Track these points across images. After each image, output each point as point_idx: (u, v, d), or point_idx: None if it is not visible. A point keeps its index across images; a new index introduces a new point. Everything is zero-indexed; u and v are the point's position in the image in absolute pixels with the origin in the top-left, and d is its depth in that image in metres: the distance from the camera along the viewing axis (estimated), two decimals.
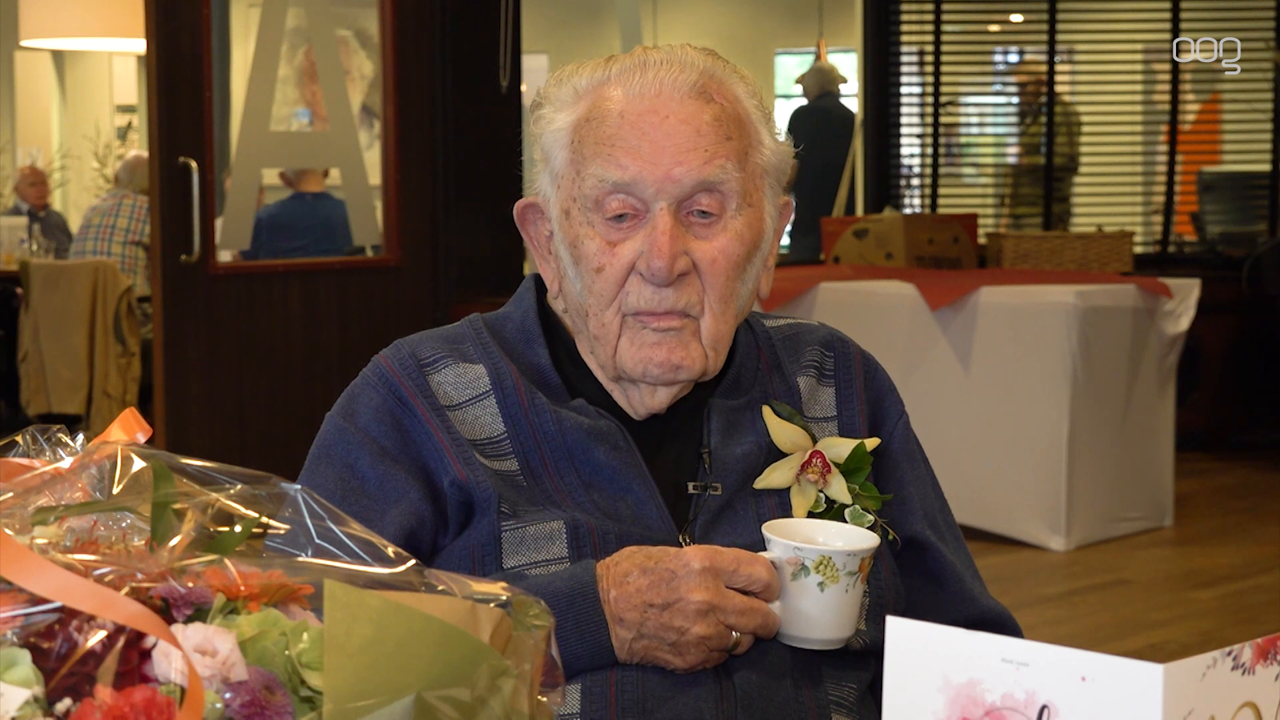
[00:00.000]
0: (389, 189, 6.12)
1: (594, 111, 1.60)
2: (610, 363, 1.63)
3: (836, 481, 1.63)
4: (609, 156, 1.58)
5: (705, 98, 1.59)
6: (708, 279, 1.60)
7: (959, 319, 6.01)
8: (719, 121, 1.59)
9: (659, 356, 1.60)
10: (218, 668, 0.89)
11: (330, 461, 1.62)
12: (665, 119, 1.58)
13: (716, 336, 1.62)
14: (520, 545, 1.57)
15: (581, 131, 1.60)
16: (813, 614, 1.50)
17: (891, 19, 9.12)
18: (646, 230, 1.58)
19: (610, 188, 1.58)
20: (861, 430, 1.69)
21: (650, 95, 1.58)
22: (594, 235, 1.59)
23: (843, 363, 1.74)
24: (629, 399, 1.65)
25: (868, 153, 9.15)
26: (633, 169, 1.57)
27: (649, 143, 1.57)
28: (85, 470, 1.03)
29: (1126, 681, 0.89)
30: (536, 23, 9.55)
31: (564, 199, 1.62)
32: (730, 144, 1.59)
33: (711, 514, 1.61)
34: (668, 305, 1.59)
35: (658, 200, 1.57)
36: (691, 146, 1.57)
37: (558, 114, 1.63)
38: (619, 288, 1.59)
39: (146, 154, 8.41)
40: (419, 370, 1.64)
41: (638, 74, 1.60)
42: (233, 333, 5.64)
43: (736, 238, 1.60)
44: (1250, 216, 8.73)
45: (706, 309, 1.60)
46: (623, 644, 1.50)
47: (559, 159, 1.62)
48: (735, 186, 1.59)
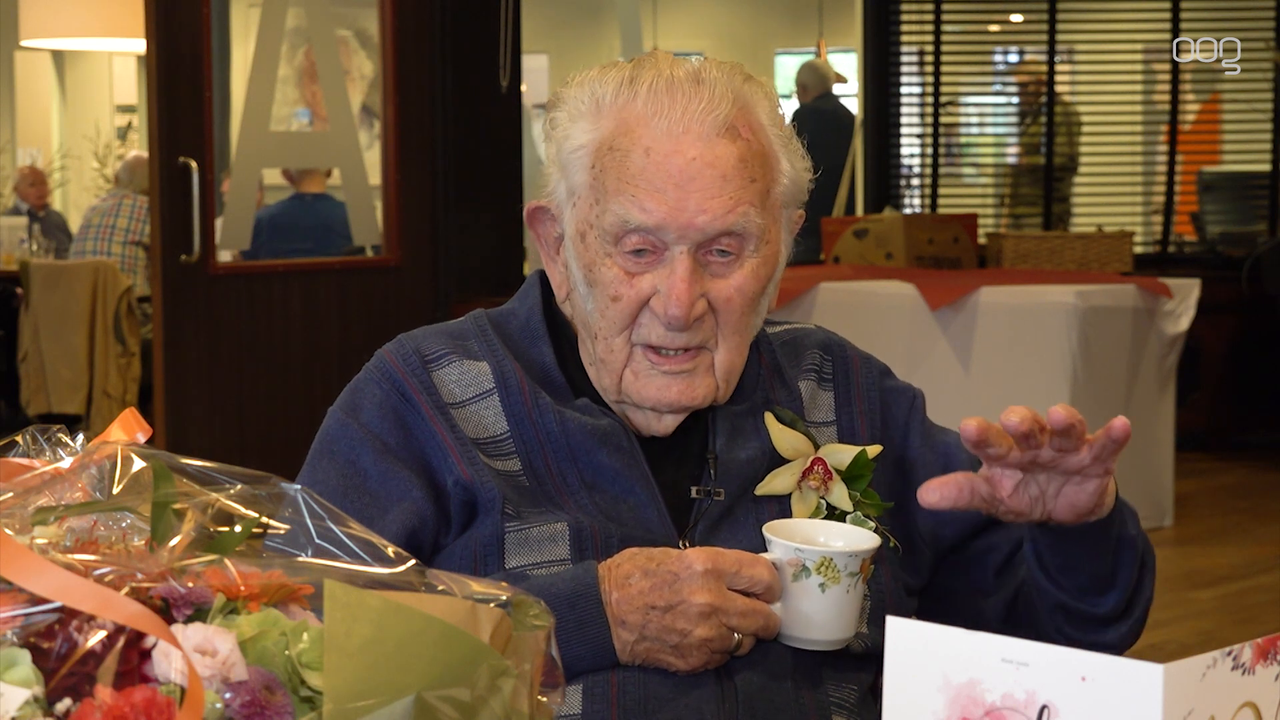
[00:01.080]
0: (389, 189, 6.12)
1: (618, 140, 1.57)
2: (615, 388, 1.62)
3: (838, 488, 1.63)
4: (632, 197, 1.55)
5: (732, 135, 1.57)
6: (723, 316, 1.59)
7: (959, 319, 6.01)
8: (744, 163, 1.57)
9: (670, 396, 1.60)
10: (218, 668, 0.89)
11: (333, 457, 1.61)
12: (692, 161, 1.55)
13: (730, 369, 1.62)
14: (523, 546, 1.56)
15: (604, 159, 1.58)
16: (814, 615, 1.50)
17: (891, 19, 9.12)
18: (665, 270, 1.57)
19: (632, 229, 1.56)
20: (861, 434, 1.69)
21: (678, 133, 1.56)
22: (612, 265, 1.58)
23: (840, 366, 1.73)
24: (631, 419, 1.65)
25: (868, 153, 9.15)
26: (656, 214, 1.55)
27: (674, 186, 1.55)
28: (85, 470, 1.03)
29: (1126, 681, 0.89)
30: (536, 23, 9.55)
31: (580, 221, 1.60)
32: (754, 186, 1.57)
33: (713, 519, 1.61)
34: (680, 343, 1.58)
35: (679, 244, 1.56)
36: (716, 193, 1.55)
37: (575, 124, 1.60)
38: (632, 319, 1.59)
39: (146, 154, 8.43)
40: (423, 366, 1.63)
41: (665, 100, 1.57)
42: (233, 333, 5.64)
43: (753, 275, 1.59)
44: (1250, 216, 8.73)
45: (721, 343, 1.60)
46: (625, 646, 1.50)
47: (577, 178, 1.60)
48: (756, 230, 1.58)
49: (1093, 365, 5.84)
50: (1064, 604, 1.61)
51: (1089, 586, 1.59)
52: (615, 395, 1.63)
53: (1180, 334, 6.19)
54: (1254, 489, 7.19)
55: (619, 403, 1.64)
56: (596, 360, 1.63)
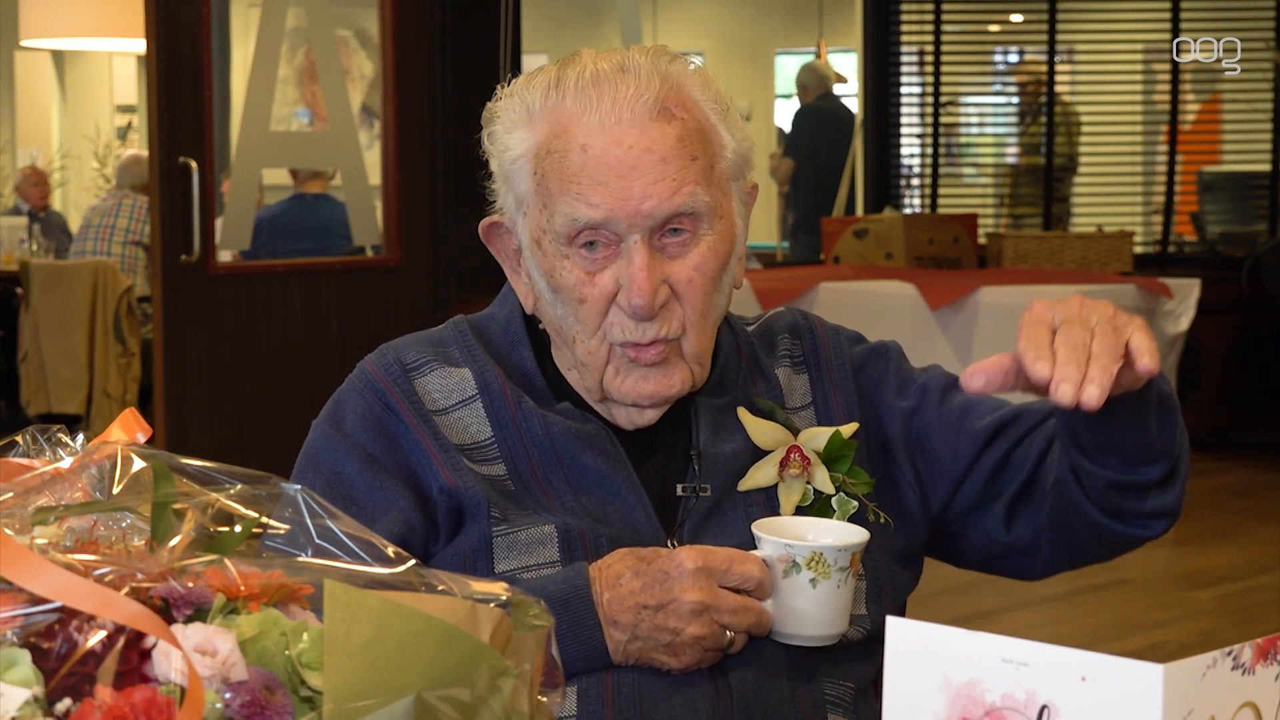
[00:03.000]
0: (389, 189, 6.12)
1: (554, 142, 1.57)
2: (597, 388, 1.62)
3: (819, 472, 1.63)
4: (577, 195, 1.55)
5: (666, 116, 1.56)
6: (686, 299, 1.59)
7: (959, 319, 6.01)
8: (682, 142, 1.56)
9: (647, 390, 1.60)
10: (218, 668, 0.89)
11: (318, 470, 1.61)
12: (630, 149, 1.55)
13: (699, 352, 1.61)
14: (511, 550, 1.56)
15: (544, 164, 1.57)
16: (805, 610, 1.50)
17: (891, 19, 9.13)
18: (623, 262, 1.56)
19: (582, 226, 1.56)
20: (837, 411, 1.69)
21: (611, 124, 1.55)
22: (572, 267, 1.58)
23: (809, 346, 1.73)
24: (614, 415, 1.65)
25: (868, 153, 9.15)
26: (604, 207, 1.55)
27: (616, 177, 1.54)
28: (85, 470, 1.03)
29: (1126, 681, 0.89)
30: (536, 23, 9.55)
31: (533, 229, 1.60)
32: (696, 164, 1.57)
33: (700, 516, 1.61)
34: (651, 335, 1.58)
35: (631, 233, 1.56)
36: (658, 176, 1.55)
37: (510, 135, 1.60)
38: (602, 317, 1.58)
39: (144, 152, 8.41)
40: (404, 375, 1.63)
41: (593, 94, 1.56)
42: (233, 333, 5.64)
43: (710, 252, 1.59)
44: (1250, 216, 8.73)
45: (689, 329, 1.59)
46: (617, 646, 1.50)
47: (522, 188, 1.60)
48: (705, 208, 1.58)
49: None
50: (1115, 482, 1.57)
51: (1136, 457, 1.56)
52: (598, 395, 1.63)
53: (1180, 334, 6.19)
54: (1254, 489, 7.19)
55: (602, 401, 1.64)
56: (578, 364, 1.63)
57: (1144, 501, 1.60)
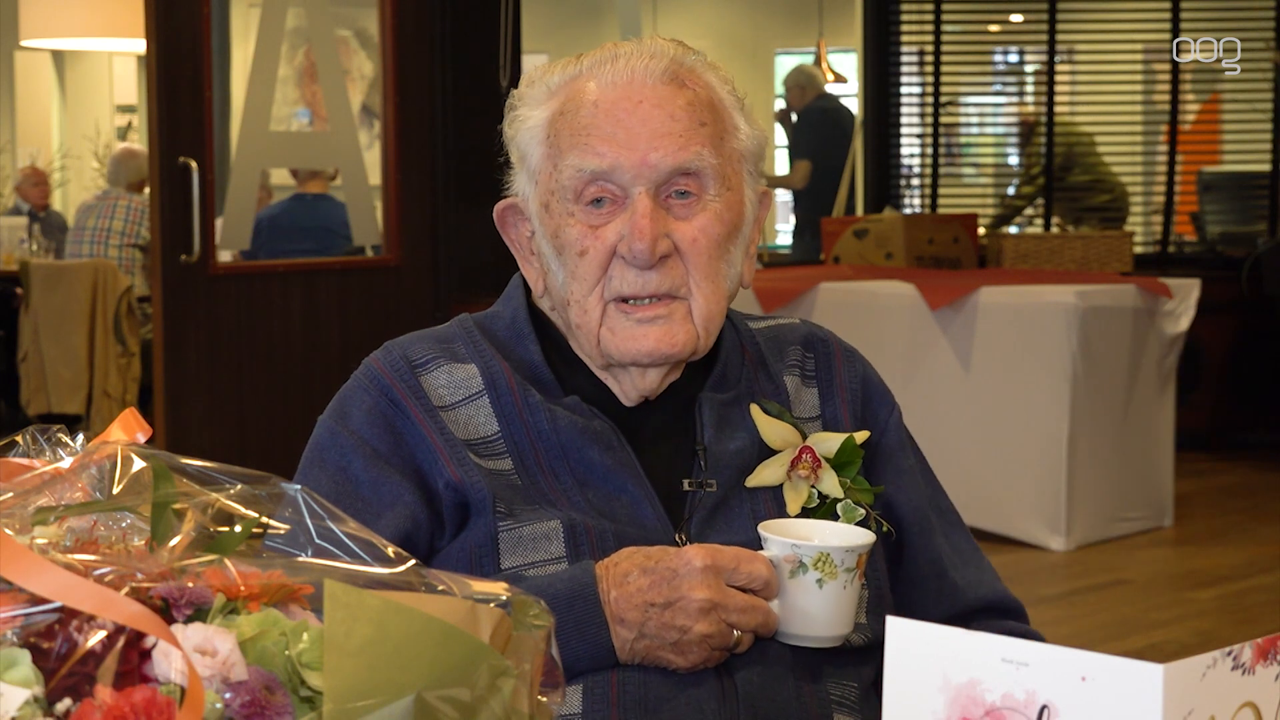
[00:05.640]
0: (389, 189, 6.12)
1: (568, 105, 1.61)
2: (595, 351, 1.63)
3: (828, 476, 1.63)
4: (585, 145, 1.58)
5: (678, 83, 1.60)
6: (690, 259, 1.60)
7: (959, 319, 6.01)
8: (692, 107, 1.60)
9: (646, 346, 1.60)
10: (218, 668, 0.89)
11: (323, 465, 1.61)
12: (639, 104, 1.58)
13: (709, 316, 1.62)
14: (517, 546, 1.56)
15: (556, 125, 1.61)
16: (811, 611, 1.50)
17: (891, 19, 9.13)
18: (627, 214, 1.58)
19: (589, 176, 1.58)
20: (845, 423, 1.69)
21: (623, 83, 1.59)
22: (575, 223, 1.60)
23: (824, 362, 1.74)
24: (620, 385, 1.65)
25: (868, 153, 9.15)
26: (610, 156, 1.57)
27: (623, 129, 1.58)
28: (85, 470, 1.03)
29: (1126, 681, 0.89)
30: (536, 23, 9.55)
31: (543, 193, 1.63)
32: (705, 129, 1.60)
33: (706, 512, 1.61)
34: (651, 288, 1.59)
35: (636, 185, 1.58)
36: (666, 131, 1.58)
37: (532, 112, 1.64)
38: (603, 271, 1.60)
39: (134, 147, 8.39)
40: (411, 371, 1.64)
41: (609, 65, 1.61)
42: (233, 333, 5.64)
43: (716, 218, 1.60)
44: (1250, 216, 8.73)
45: (695, 289, 1.60)
46: (624, 644, 1.50)
47: (535, 155, 1.63)
48: (712, 170, 1.60)
49: (1093, 365, 5.84)
50: None
51: None
52: (599, 359, 1.63)
53: (1180, 334, 6.19)
54: (1254, 489, 7.19)
55: (604, 368, 1.64)
56: (575, 328, 1.63)
57: None
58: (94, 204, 7.98)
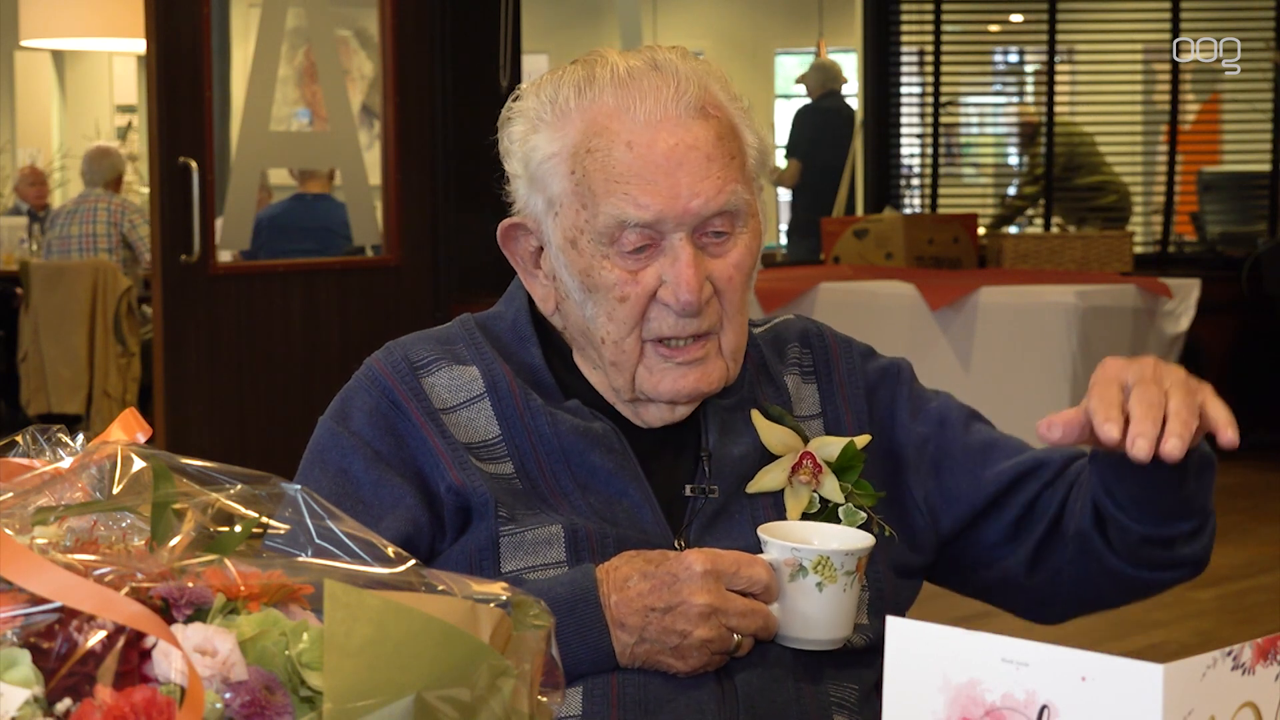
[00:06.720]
0: (389, 189, 6.12)
1: (593, 140, 1.56)
2: (629, 387, 1.61)
3: (829, 481, 1.63)
4: (625, 195, 1.54)
5: (704, 115, 1.57)
6: (726, 297, 1.59)
7: (959, 319, 6.01)
8: (722, 139, 1.57)
9: (687, 386, 1.59)
10: (218, 668, 0.89)
11: (324, 466, 1.60)
12: (674, 147, 1.55)
13: (736, 347, 1.62)
14: (518, 550, 1.56)
15: (584, 162, 1.56)
16: (811, 614, 1.50)
17: (891, 19, 9.13)
18: (667, 260, 1.56)
19: (631, 225, 1.55)
20: (847, 424, 1.69)
21: (655, 121, 1.55)
22: (612, 266, 1.57)
23: (820, 357, 1.73)
24: (642, 414, 1.64)
25: (868, 153, 9.15)
26: (653, 208, 1.54)
27: (664, 176, 1.54)
28: (85, 470, 1.03)
29: (1126, 681, 0.89)
30: (536, 23, 9.54)
31: (568, 229, 1.58)
32: (735, 163, 1.58)
33: (707, 518, 1.61)
34: (692, 330, 1.58)
35: (676, 232, 1.56)
36: (704, 174, 1.55)
37: (538, 134, 1.59)
38: (642, 314, 1.58)
39: (105, 145, 8.36)
40: (412, 373, 1.63)
41: (633, 91, 1.56)
42: (233, 333, 5.64)
43: (747, 250, 1.60)
44: (1250, 216, 8.73)
45: (726, 324, 1.60)
46: (624, 648, 1.50)
47: (556, 187, 1.58)
48: (745, 205, 1.58)
49: (1093, 365, 5.79)
50: (1148, 536, 1.59)
51: (1172, 513, 1.58)
52: (630, 395, 1.62)
53: (1180, 334, 6.20)
54: (1254, 489, 7.18)
55: (632, 401, 1.63)
56: (605, 364, 1.61)
57: (1172, 552, 1.62)
58: (73, 208, 7.79)
